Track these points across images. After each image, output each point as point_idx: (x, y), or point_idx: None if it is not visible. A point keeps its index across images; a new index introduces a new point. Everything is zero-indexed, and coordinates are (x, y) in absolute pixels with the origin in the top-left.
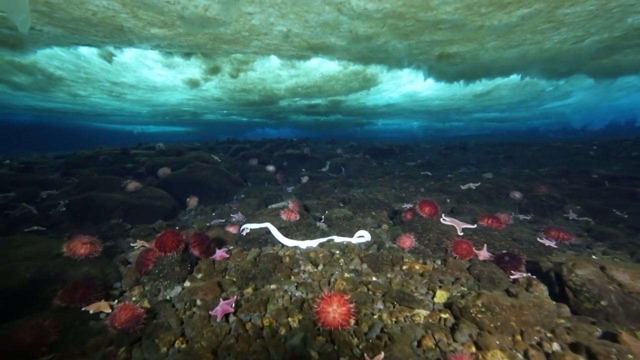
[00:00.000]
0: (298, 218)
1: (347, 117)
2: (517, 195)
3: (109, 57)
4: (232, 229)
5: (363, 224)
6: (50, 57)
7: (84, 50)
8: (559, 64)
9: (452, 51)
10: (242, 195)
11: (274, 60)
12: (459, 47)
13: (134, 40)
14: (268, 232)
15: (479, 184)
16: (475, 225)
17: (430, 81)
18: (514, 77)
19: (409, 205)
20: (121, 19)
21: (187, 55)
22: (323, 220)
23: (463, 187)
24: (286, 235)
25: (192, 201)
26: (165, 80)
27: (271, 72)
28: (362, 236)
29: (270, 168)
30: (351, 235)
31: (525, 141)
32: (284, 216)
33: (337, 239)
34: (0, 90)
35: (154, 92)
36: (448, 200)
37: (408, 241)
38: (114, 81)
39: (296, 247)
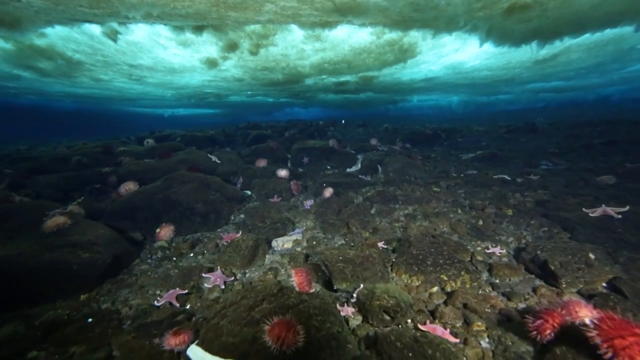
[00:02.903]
0: (295, 340)
1: (379, 95)
2: None
3: (113, 35)
4: (173, 342)
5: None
6: (65, 40)
7: (95, 30)
8: None
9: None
10: (242, 216)
11: (296, 33)
12: None
13: (120, 8)
14: None
15: (626, 208)
16: None
17: (483, 48)
18: (593, 36)
19: (498, 251)
20: None
21: (198, 29)
22: (354, 300)
23: (592, 214)
24: None
25: (165, 232)
26: (182, 61)
27: (294, 47)
28: None
29: (283, 173)
30: None
31: (627, 118)
32: (271, 339)
33: None
34: (31, 77)
35: (174, 74)
36: (592, 256)
37: None
38: (131, 64)
39: None
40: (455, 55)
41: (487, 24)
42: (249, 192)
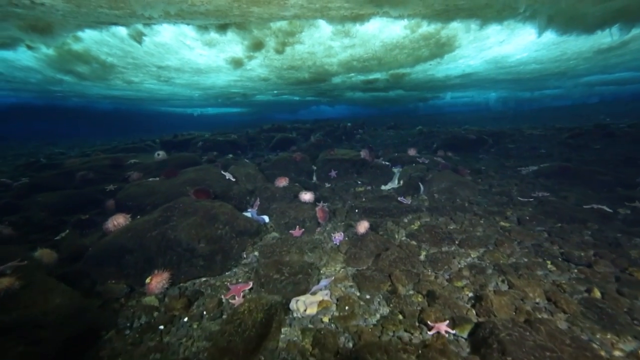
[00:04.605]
0: None
1: (409, 93)
2: None
3: (139, 37)
4: None
5: None
6: (99, 44)
7: (123, 33)
8: None
9: None
10: (255, 253)
11: (323, 29)
12: None
13: (136, 7)
14: None
15: None
16: None
17: (532, 38)
18: None
19: None
20: None
21: (222, 28)
22: None
23: None
24: None
25: (156, 282)
26: (208, 61)
27: (321, 44)
28: None
29: (307, 197)
30: None
31: None
32: None
33: None
34: (72, 81)
35: (200, 74)
36: None
37: None
38: (159, 65)
39: None
40: (499, 48)
41: (552, 8)
42: (266, 219)
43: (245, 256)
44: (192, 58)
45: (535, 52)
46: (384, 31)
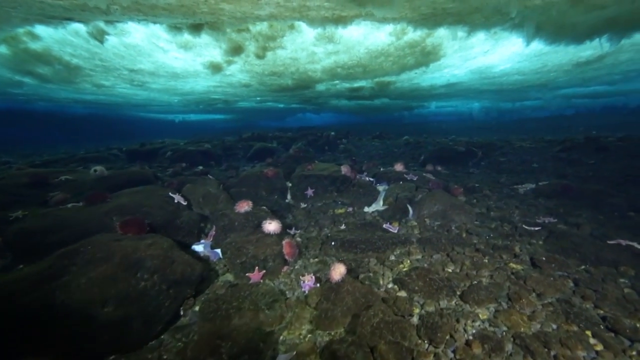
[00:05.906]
0: None
1: (394, 101)
2: None
3: (100, 36)
4: None
5: None
6: (61, 43)
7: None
8: None
9: None
10: (196, 309)
11: (306, 34)
12: None
13: None
14: None
15: None
16: None
17: (515, 49)
18: None
19: None
20: None
21: (195, 29)
22: None
23: None
24: None
25: None
26: (184, 65)
27: (304, 50)
28: None
29: (271, 227)
30: None
31: None
32: None
33: None
34: (33, 83)
35: (177, 79)
36: None
37: None
38: (131, 68)
39: None
40: (483, 58)
41: (543, 15)
42: (219, 255)
43: (182, 313)
44: (167, 62)
45: (518, 63)
46: (368, 38)
